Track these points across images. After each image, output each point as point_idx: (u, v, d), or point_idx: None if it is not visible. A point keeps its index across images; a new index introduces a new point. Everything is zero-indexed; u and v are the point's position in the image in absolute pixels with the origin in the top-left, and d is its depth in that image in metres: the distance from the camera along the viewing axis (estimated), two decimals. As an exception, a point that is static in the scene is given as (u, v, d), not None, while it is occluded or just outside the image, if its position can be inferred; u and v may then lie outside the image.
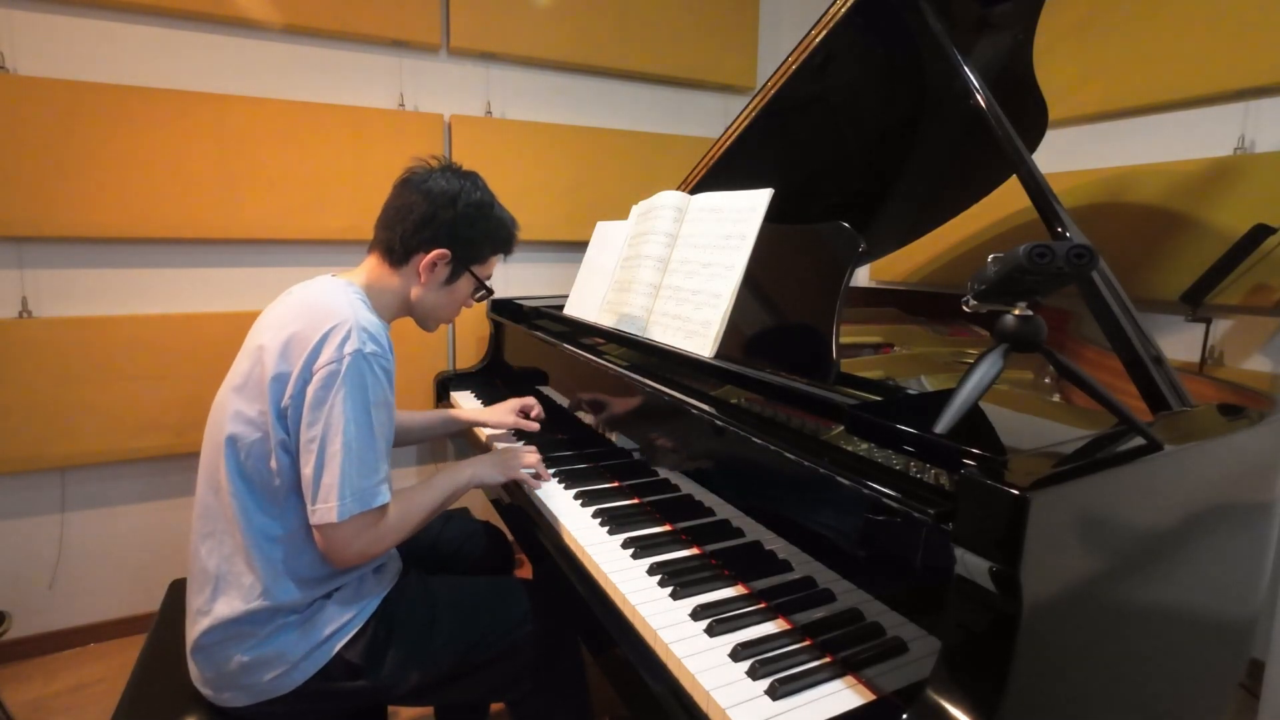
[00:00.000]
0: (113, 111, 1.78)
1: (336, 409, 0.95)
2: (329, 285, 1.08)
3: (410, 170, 1.18)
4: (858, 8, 1.25)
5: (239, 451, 1.00)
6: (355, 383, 0.97)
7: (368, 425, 0.98)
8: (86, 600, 1.96)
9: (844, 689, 0.75)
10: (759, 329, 1.13)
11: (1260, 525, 0.96)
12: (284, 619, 1.00)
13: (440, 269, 1.16)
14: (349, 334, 0.98)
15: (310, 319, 1.00)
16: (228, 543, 1.01)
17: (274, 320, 1.04)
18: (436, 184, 1.14)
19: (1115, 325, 0.93)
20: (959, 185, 1.67)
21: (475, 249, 1.19)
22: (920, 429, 0.72)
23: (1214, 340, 1.63)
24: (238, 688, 0.99)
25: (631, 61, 2.44)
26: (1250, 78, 1.55)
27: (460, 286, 1.20)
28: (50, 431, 1.80)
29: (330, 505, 0.94)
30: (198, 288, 1.97)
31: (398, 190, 1.16)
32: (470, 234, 1.16)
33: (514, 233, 1.25)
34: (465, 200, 1.15)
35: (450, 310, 1.23)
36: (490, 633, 1.10)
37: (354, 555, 1.00)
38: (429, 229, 1.13)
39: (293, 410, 0.97)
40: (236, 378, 1.04)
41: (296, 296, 1.08)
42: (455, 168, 1.19)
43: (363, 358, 0.98)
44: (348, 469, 0.95)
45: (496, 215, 1.20)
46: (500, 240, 1.23)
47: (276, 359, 0.98)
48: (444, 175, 1.16)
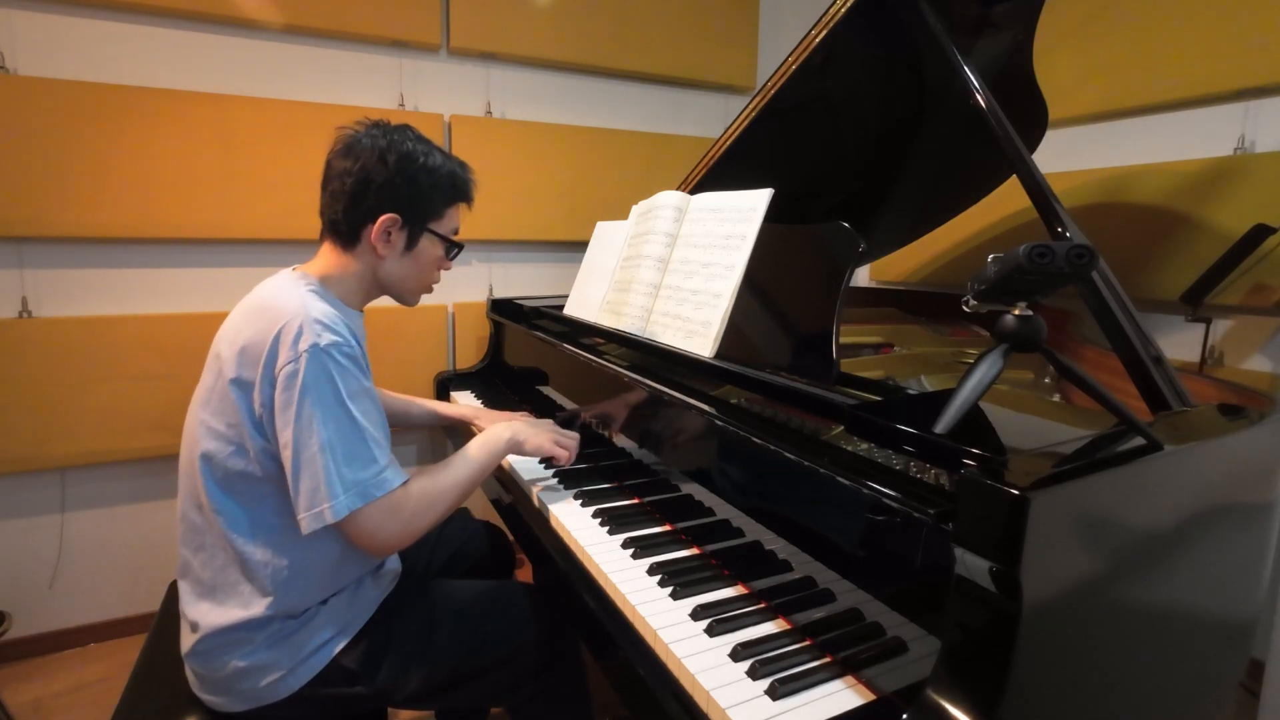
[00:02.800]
0: (113, 111, 1.78)
1: (305, 410, 0.90)
2: (280, 283, 1.03)
3: (337, 138, 1.08)
4: (857, 8, 1.25)
5: (215, 468, 0.97)
6: (319, 379, 0.91)
7: (347, 419, 0.93)
8: (86, 600, 1.96)
9: (844, 689, 0.74)
10: (759, 329, 1.13)
11: (1260, 525, 0.96)
12: (280, 625, 0.98)
13: (395, 236, 1.07)
14: (300, 330, 0.92)
15: (259, 323, 0.95)
16: (219, 555, 0.98)
17: (230, 328, 1.00)
18: (363, 145, 1.04)
19: (1115, 325, 0.93)
20: (959, 185, 1.67)
21: (425, 205, 1.09)
22: (920, 429, 0.72)
23: (1214, 340, 1.63)
24: (233, 693, 0.98)
25: (631, 61, 2.43)
26: (1250, 78, 1.55)
27: (425, 250, 1.11)
28: (50, 431, 1.80)
29: (323, 508, 0.90)
30: (198, 288, 1.97)
31: (329, 163, 1.07)
32: (413, 190, 1.06)
33: (465, 176, 1.13)
34: (397, 154, 1.04)
35: (423, 278, 1.15)
36: (490, 638, 1.09)
37: (389, 541, 0.98)
38: (368, 196, 1.04)
39: (267, 417, 0.94)
40: (202, 392, 1.01)
41: (249, 300, 1.04)
42: (383, 123, 1.07)
43: (320, 351, 0.92)
44: (333, 468, 0.91)
45: (437, 163, 1.08)
46: (449, 189, 1.10)
47: (235, 368, 0.95)
48: (369, 135, 1.05)
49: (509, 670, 1.09)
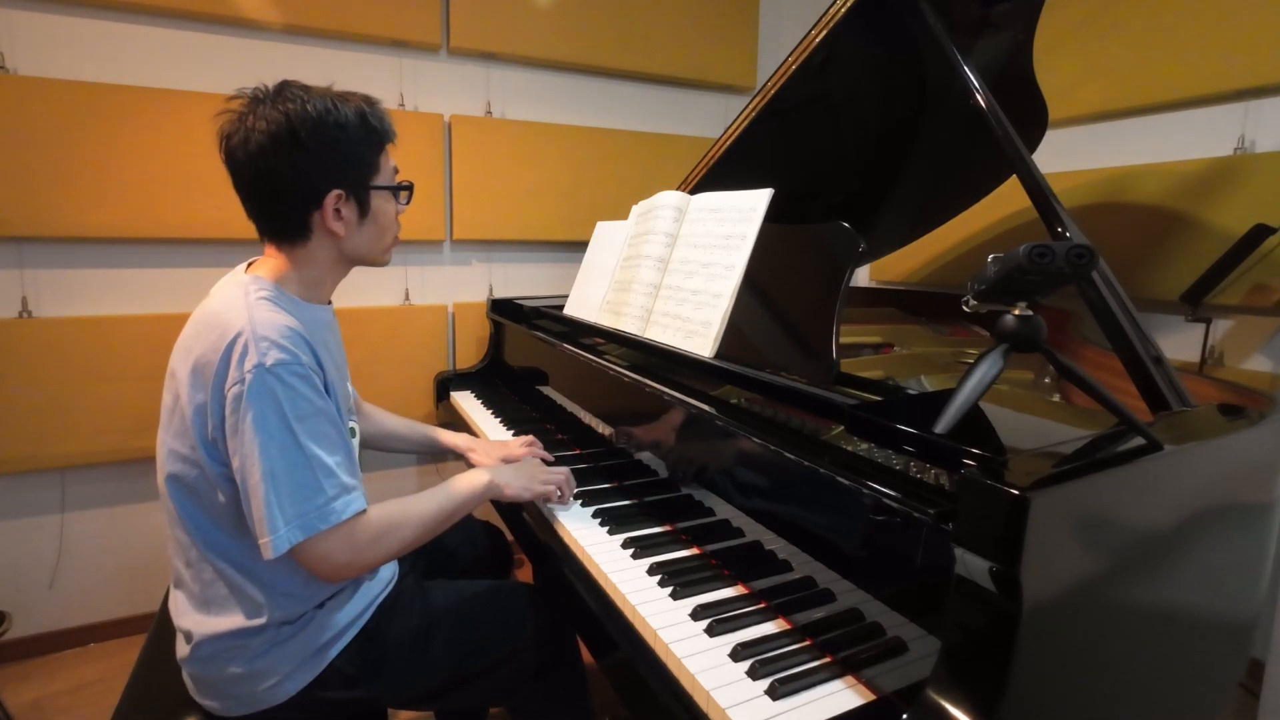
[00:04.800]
0: (113, 111, 1.78)
1: (248, 435, 0.85)
2: (229, 289, 0.96)
3: (225, 136, 0.95)
4: (857, 8, 1.25)
5: (183, 491, 0.95)
6: (263, 402, 0.86)
7: (293, 445, 0.87)
8: (86, 600, 1.96)
9: (844, 689, 0.75)
10: (759, 329, 1.13)
11: (1260, 525, 0.96)
12: (275, 631, 0.97)
13: (346, 210, 0.99)
14: (246, 348, 0.87)
15: (210, 338, 0.90)
16: (206, 570, 0.97)
17: (182, 344, 0.96)
18: (262, 131, 0.92)
19: (1115, 325, 0.93)
20: (959, 185, 1.67)
21: (359, 165, 0.99)
22: (920, 429, 0.72)
23: (1214, 340, 1.63)
24: (231, 698, 0.97)
25: (631, 62, 2.43)
26: (1250, 78, 1.55)
27: (379, 208, 1.03)
28: (50, 431, 1.80)
29: (265, 540, 0.86)
30: (198, 288, 1.93)
31: (232, 166, 0.97)
32: (339, 156, 0.96)
33: (376, 111, 1.01)
34: (307, 125, 0.93)
35: (387, 236, 1.07)
36: (489, 639, 1.09)
37: (339, 570, 0.93)
38: (300, 184, 0.95)
39: (220, 439, 0.89)
40: (164, 413, 0.97)
41: (200, 310, 0.98)
42: (262, 94, 0.95)
43: (266, 372, 0.86)
44: (274, 499, 0.85)
45: (346, 115, 0.97)
46: (369, 135, 1.00)
47: (189, 389, 0.91)
48: (261, 116, 0.93)
49: (508, 670, 1.09)
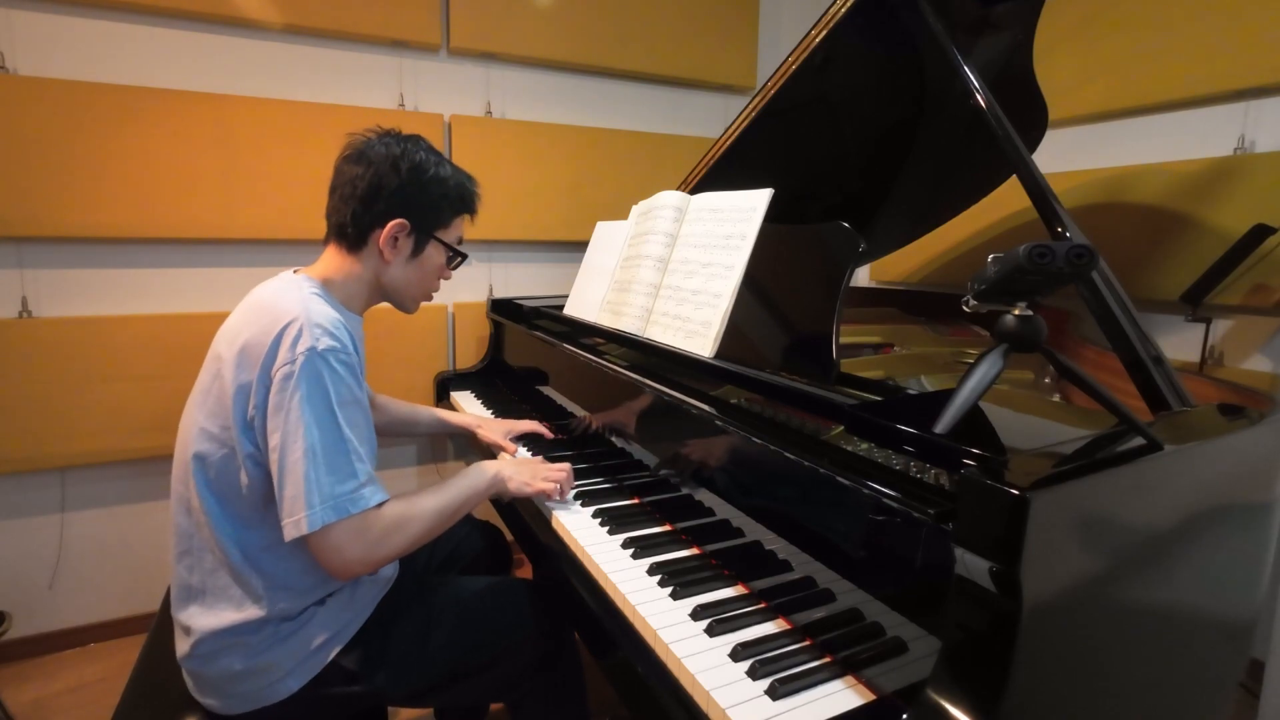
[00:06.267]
0: (113, 111, 1.78)
1: (295, 413, 0.89)
2: (281, 284, 1.03)
3: (347, 144, 1.10)
4: (857, 7, 1.25)
5: (207, 470, 0.97)
6: (312, 383, 0.91)
7: (333, 426, 0.92)
8: (86, 600, 1.96)
9: (844, 689, 0.75)
10: (759, 329, 1.13)
11: (1260, 525, 0.96)
12: (275, 627, 0.97)
13: (403, 242, 1.09)
14: (300, 332, 0.92)
15: (261, 323, 0.95)
16: (208, 559, 0.98)
17: (230, 329, 1.00)
18: (376, 152, 1.07)
19: (1115, 325, 0.93)
20: (959, 185, 1.67)
21: (433, 213, 1.12)
22: (920, 429, 0.72)
23: (1214, 340, 1.63)
24: (231, 695, 0.97)
25: (631, 62, 2.43)
26: (1250, 78, 1.55)
27: (430, 257, 1.14)
28: (50, 431, 1.80)
29: (298, 517, 0.88)
30: (198, 288, 1.97)
31: (338, 168, 1.09)
32: (423, 198, 1.09)
33: (471, 189, 1.16)
34: (409, 163, 1.07)
35: (426, 285, 1.17)
36: (489, 635, 1.09)
37: (350, 564, 0.94)
38: (379, 201, 1.06)
39: (258, 420, 0.93)
40: (199, 393, 1.00)
41: (249, 300, 1.04)
42: (394, 132, 1.11)
43: (317, 355, 0.91)
44: (314, 475, 0.89)
45: (447, 174, 1.12)
46: (457, 199, 1.14)
47: (235, 370, 0.94)
48: (383, 142, 1.08)
49: (507, 667, 1.10)
